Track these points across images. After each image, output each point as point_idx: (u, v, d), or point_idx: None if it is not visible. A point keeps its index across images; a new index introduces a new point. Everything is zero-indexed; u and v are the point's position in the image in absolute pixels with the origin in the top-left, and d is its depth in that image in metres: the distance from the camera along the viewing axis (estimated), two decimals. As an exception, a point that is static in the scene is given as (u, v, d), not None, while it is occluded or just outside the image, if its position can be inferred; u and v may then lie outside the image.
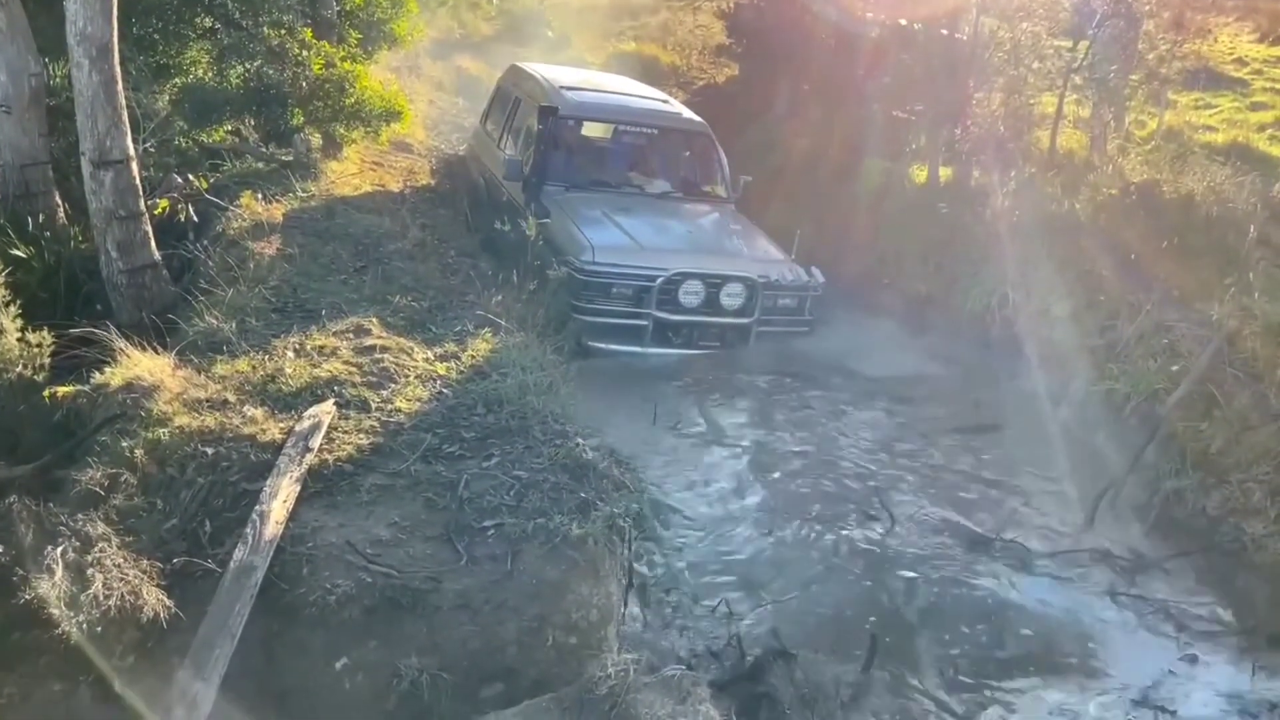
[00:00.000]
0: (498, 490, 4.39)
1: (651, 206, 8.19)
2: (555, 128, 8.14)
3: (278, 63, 8.65)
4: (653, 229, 7.69)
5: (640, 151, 8.89)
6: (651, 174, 8.71)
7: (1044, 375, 6.87)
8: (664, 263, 7.20)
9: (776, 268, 7.52)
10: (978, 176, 9.19)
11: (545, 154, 8.05)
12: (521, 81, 9.52)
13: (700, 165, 8.93)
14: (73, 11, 5.67)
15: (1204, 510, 5.69)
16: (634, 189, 8.47)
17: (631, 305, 7.15)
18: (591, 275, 6.99)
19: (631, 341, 7.15)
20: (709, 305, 7.30)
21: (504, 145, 9.05)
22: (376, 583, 3.79)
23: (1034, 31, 9.11)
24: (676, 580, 4.76)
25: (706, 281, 7.26)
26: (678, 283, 7.18)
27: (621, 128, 8.91)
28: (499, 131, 9.38)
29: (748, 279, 7.32)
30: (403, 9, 10.43)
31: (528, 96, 9.00)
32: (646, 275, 7.13)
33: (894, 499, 5.73)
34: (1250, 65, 15.70)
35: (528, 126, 8.52)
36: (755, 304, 7.33)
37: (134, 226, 6.11)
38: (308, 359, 5.29)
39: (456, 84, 15.83)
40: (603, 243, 7.20)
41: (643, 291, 7.13)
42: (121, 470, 4.18)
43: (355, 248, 7.20)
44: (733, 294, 7.31)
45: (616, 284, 7.12)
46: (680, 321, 7.25)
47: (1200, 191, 7.85)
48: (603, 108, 9.01)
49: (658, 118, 8.99)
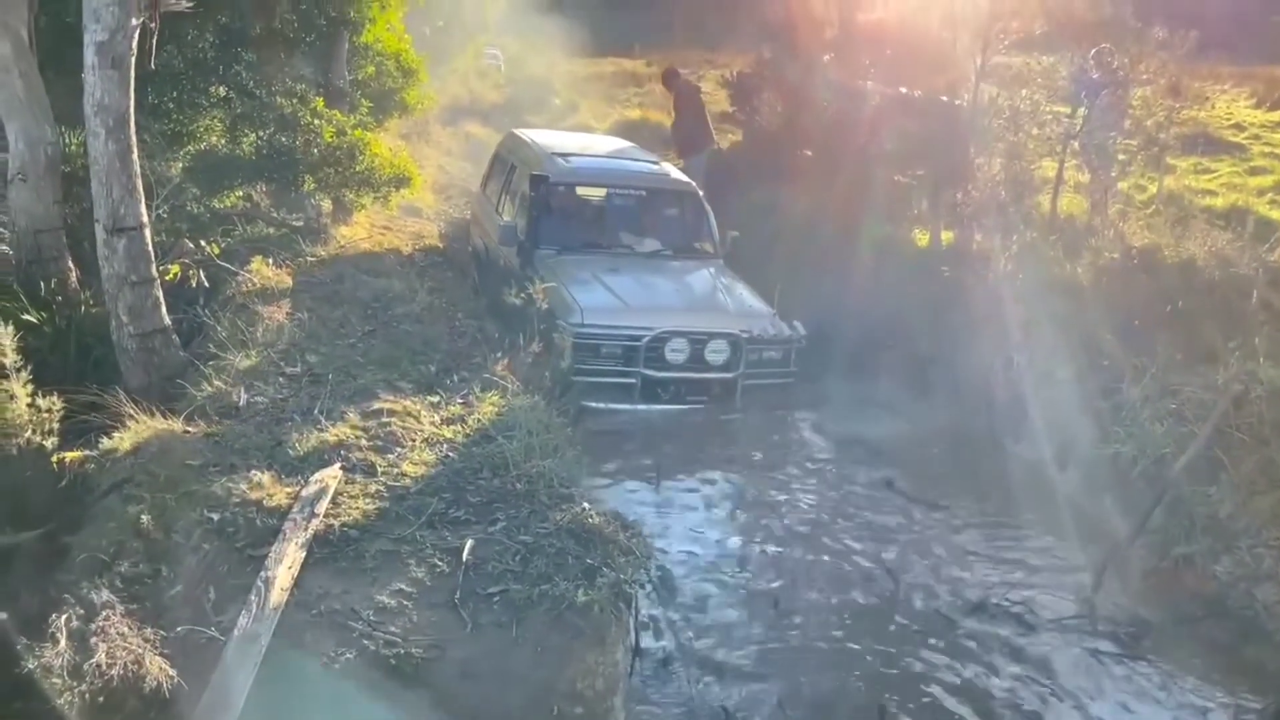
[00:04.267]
0: (503, 556, 4.38)
1: (640, 265, 8.40)
2: (546, 194, 8.41)
3: (290, 130, 8.81)
4: (640, 288, 7.87)
5: (630, 212, 9.12)
6: (641, 233, 8.91)
7: (1049, 438, 6.86)
8: (650, 321, 7.40)
9: (759, 322, 7.70)
10: (979, 240, 9.27)
11: (537, 219, 8.31)
12: (517, 148, 9.83)
13: (689, 223, 9.16)
14: (91, 83, 5.79)
15: (1214, 576, 5.64)
16: (625, 248, 8.68)
17: (621, 364, 7.33)
18: (582, 336, 7.13)
19: (622, 399, 7.32)
20: (695, 361, 7.48)
21: (502, 209, 9.29)
22: (380, 650, 3.77)
23: (1033, 99, 9.25)
24: (682, 649, 4.72)
25: (691, 339, 7.45)
26: (664, 340, 7.37)
27: (612, 190, 9.09)
28: (497, 196, 9.64)
29: (731, 335, 7.51)
30: (414, 79, 10.66)
31: (522, 163, 9.26)
32: (633, 334, 7.31)
33: (897, 562, 5.70)
34: (1248, 130, 15.90)
35: (522, 192, 8.74)
36: (740, 359, 7.52)
37: (145, 292, 6.16)
38: (314, 423, 5.31)
39: (465, 150, 16.08)
40: (591, 304, 7.41)
41: (631, 350, 7.31)
42: (127, 536, 4.19)
43: (364, 311, 7.27)
44: (717, 350, 7.50)
45: (605, 344, 7.30)
46: (667, 378, 7.42)
47: (1202, 256, 7.90)
48: (592, 172, 9.29)
49: (646, 179, 9.29)
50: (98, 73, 5.77)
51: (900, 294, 8.78)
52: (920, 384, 8.05)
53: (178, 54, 8.24)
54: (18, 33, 6.75)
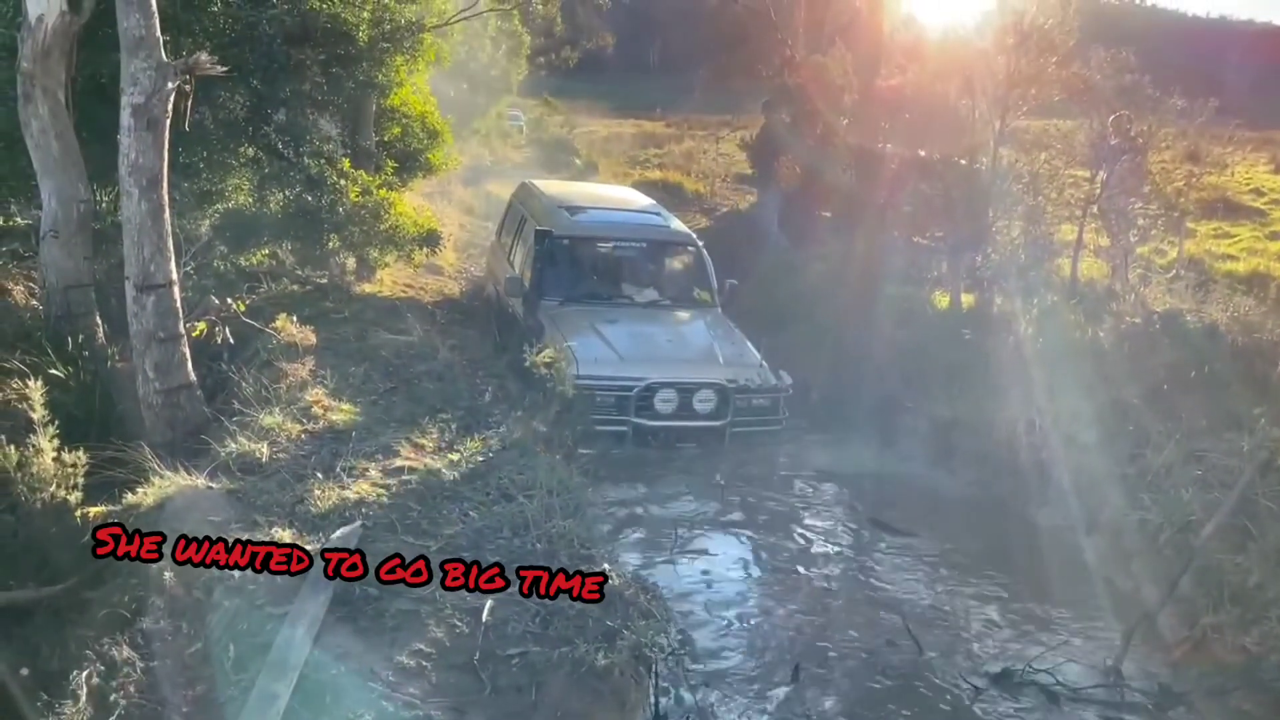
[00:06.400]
0: (522, 617, 4.35)
1: (638, 316, 8.60)
2: (550, 248, 8.68)
3: (316, 190, 8.94)
4: (633, 339, 8.04)
5: (632, 263, 9.30)
6: (642, 284, 9.10)
7: (1074, 503, 6.79)
8: (641, 372, 7.59)
9: (747, 372, 7.83)
10: (1000, 303, 9.29)
11: (541, 271, 8.59)
12: (528, 200, 10.13)
13: (688, 273, 9.35)
14: (126, 144, 5.93)
15: (1244, 646, 5.53)
16: (625, 299, 8.87)
17: (615, 413, 7.50)
18: (578, 388, 7.20)
19: (615, 448, 7.44)
20: (683, 410, 7.65)
21: (514, 258, 9.49)
22: (399, 712, 3.73)
23: (1052, 163, 9.32)
24: (703, 713, 4.66)
25: (679, 389, 7.62)
26: (653, 391, 7.56)
27: (614, 243, 9.29)
28: (510, 246, 9.90)
29: (718, 385, 7.66)
30: (438, 140, 10.82)
31: (531, 215, 9.52)
32: (625, 385, 7.51)
33: (921, 629, 5.61)
34: (1267, 195, 15.94)
35: (529, 244, 8.95)
36: (728, 408, 7.67)
37: (172, 348, 6.23)
38: (336, 480, 5.33)
39: (486, 209, 16.29)
40: (587, 355, 7.57)
41: (623, 400, 7.50)
42: (149, 592, 4.19)
43: (386, 368, 7.32)
44: (704, 399, 7.68)
45: (600, 394, 7.46)
46: (658, 427, 7.59)
47: (1224, 321, 7.89)
48: (594, 226, 9.44)
49: (647, 232, 9.52)
50: (133, 134, 5.90)
51: (921, 356, 8.78)
52: (942, 446, 8.00)
53: (209, 115, 8.40)
54: (55, 95, 6.92)
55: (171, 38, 6.98)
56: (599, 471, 6.55)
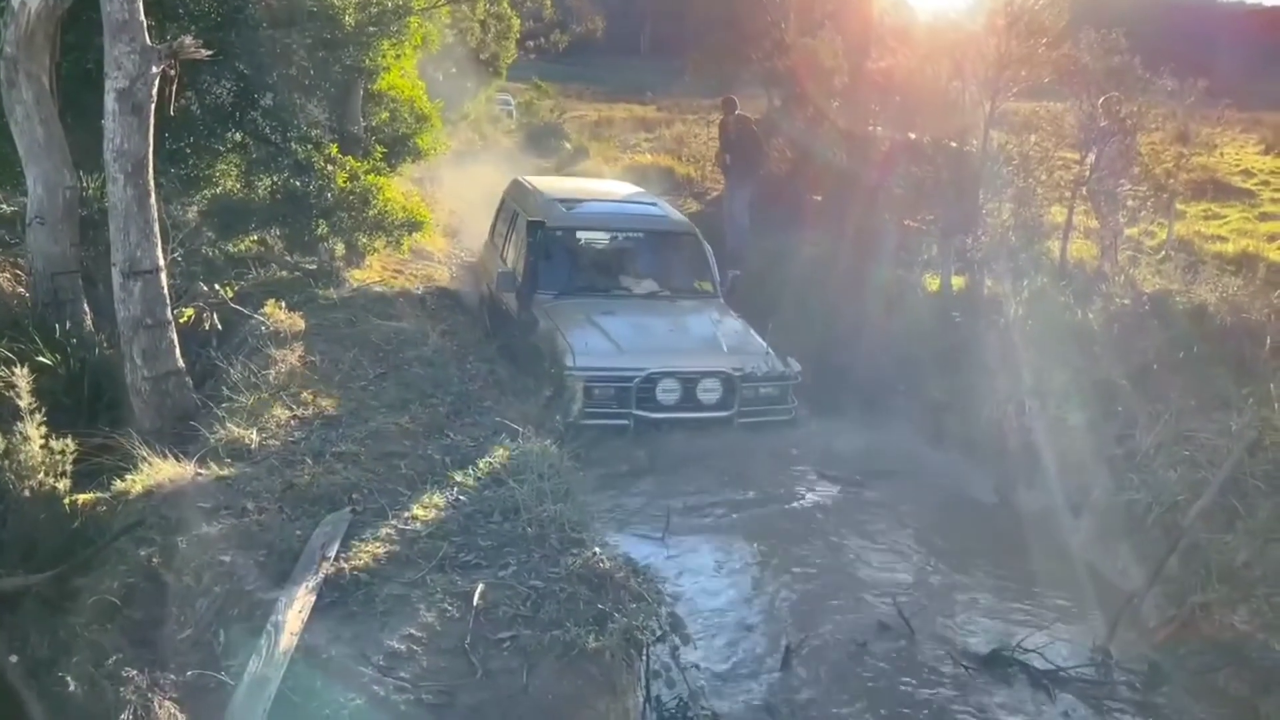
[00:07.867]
0: (514, 600, 4.35)
1: (637, 307, 8.44)
2: (543, 240, 8.45)
3: (304, 176, 8.90)
4: (633, 330, 7.90)
5: (628, 255, 9.19)
6: (640, 275, 8.96)
7: (1063, 485, 6.81)
8: (641, 363, 7.42)
9: (753, 360, 7.67)
10: (990, 285, 9.30)
11: (534, 265, 8.35)
12: (520, 196, 9.97)
13: (687, 264, 9.20)
14: (111, 129, 5.88)
15: (1231, 625, 5.56)
16: (623, 291, 8.72)
17: (615, 405, 7.34)
18: (575, 380, 7.16)
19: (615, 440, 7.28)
20: (687, 401, 7.48)
21: (506, 255, 9.39)
22: (390, 696, 3.74)
23: (1042, 145, 9.31)
24: (695, 697, 4.67)
25: (682, 379, 7.46)
26: (655, 381, 7.39)
27: (609, 234, 9.22)
28: (502, 242, 9.76)
29: (723, 373, 7.51)
30: (427, 124, 10.76)
31: (524, 210, 9.36)
32: (625, 376, 7.33)
33: (911, 611, 5.64)
34: (1257, 176, 15.98)
35: (521, 238, 8.83)
36: (734, 397, 7.51)
37: (160, 335, 6.20)
38: (326, 466, 5.32)
39: (475, 194, 16.15)
40: (584, 347, 7.45)
41: (623, 392, 7.33)
42: (138, 579, 4.18)
43: (376, 354, 7.30)
44: (709, 389, 7.52)
45: (598, 386, 7.30)
46: (661, 419, 7.40)
47: (1213, 302, 7.90)
48: (589, 217, 9.35)
49: (644, 222, 9.36)
50: (118, 119, 5.86)
51: (911, 339, 8.78)
52: (932, 428, 8.03)
53: (195, 100, 8.35)
54: (39, 80, 6.87)
55: (156, 22, 6.93)
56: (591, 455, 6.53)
